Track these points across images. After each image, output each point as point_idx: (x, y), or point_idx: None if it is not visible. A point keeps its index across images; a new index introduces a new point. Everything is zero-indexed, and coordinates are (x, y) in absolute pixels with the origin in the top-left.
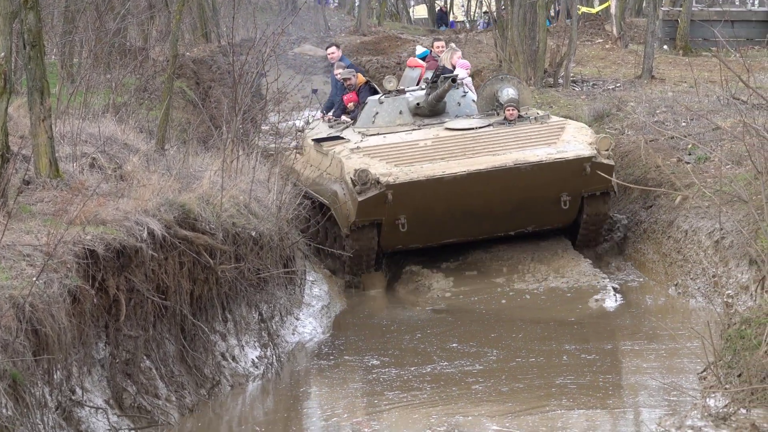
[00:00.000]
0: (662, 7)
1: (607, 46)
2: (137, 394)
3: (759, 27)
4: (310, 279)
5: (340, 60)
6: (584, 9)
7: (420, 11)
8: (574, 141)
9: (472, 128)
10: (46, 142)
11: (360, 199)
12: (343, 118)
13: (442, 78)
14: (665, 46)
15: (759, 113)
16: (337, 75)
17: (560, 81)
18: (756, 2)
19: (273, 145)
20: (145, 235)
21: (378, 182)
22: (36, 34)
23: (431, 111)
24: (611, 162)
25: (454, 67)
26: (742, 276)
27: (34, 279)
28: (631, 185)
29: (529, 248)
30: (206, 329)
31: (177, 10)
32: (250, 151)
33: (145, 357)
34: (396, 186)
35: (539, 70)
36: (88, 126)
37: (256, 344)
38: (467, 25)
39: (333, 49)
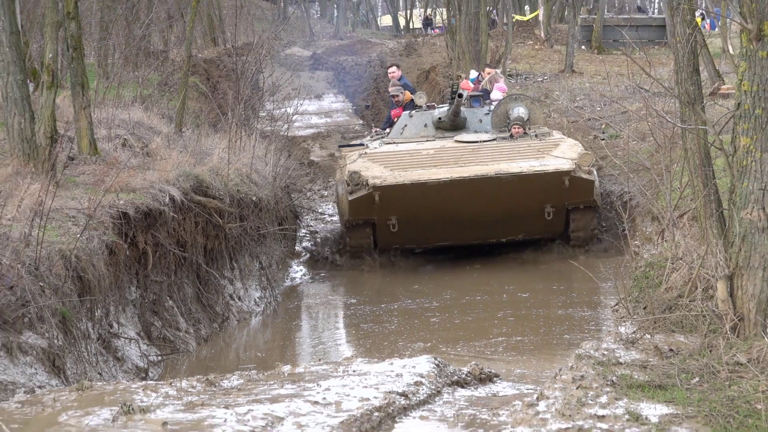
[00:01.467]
0: (580, 14)
1: (536, 47)
2: (162, 328)
3: (658, 31)
4: (300, 234)
5: (399, 79)
6: (518, 17)
7: (386, 20)
8: (562, 157)
9: (478, 141)
10: (87, 126)
11: (350, 198)
12: (387, 130)
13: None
14: (583, 47)
15: (659, 99)
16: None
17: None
18: (656, 11)
19: (269, 128)
20: (167, 200)
21: (367, 184)
22: (77, 40)
23: (452, 125)
24: (591, 177)
25: (491, 89)
26: (646, 229)
27: (78, 236)
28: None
29: None
30: (217, 275)
31: (190, 20)
32: (251, 133)
33: (168, 298)
34: (382, 188)
35: (482, 66)
36: (120, 113)
37: (257, 287)
38: (423, 30)
39: (393, 69)
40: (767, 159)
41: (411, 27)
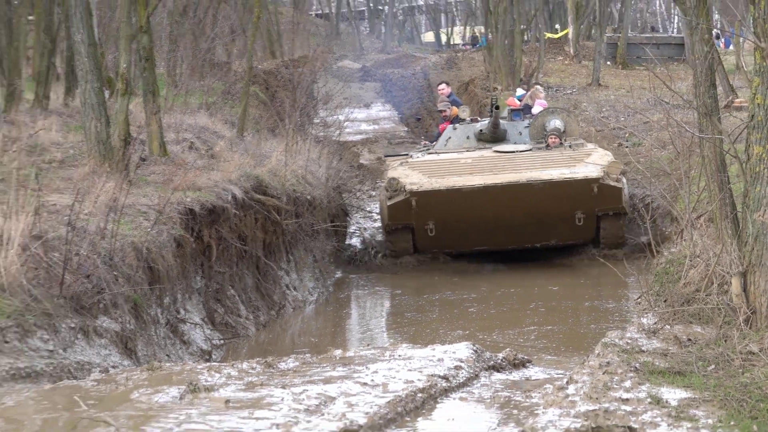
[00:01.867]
0: (606, 33)
1: (566, 62)
2: (225, 314)
3: (677, 48)
4: (350, 230)
5: (448, 96)
6: (549, 35)
7: (429, 37)
8: (592, 165)
9: (515, 151)
10: (157, 130)
11: (389, 203)
12: (435, 143)
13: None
14: (609, 62)
15: (678, 111)
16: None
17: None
18: (675, 30)
19: (322, 134)
20: (229, 198)
21: (404, 189)
22: (149, 51)
23: (492, 137)
24: (619, 185)
25: (532, 105)
26: (666, 229)
27: (149, 230)
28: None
29: None
30: (275, 267)
31: (251, 34)
32: (306, 138)
33: (230, 287)
34: (419, 193)
35: (516, 79)
36: (187, 118)
37: (311, 278)
38: (463, 46)
39: (443, 86)
40: None
41: (452, 43)
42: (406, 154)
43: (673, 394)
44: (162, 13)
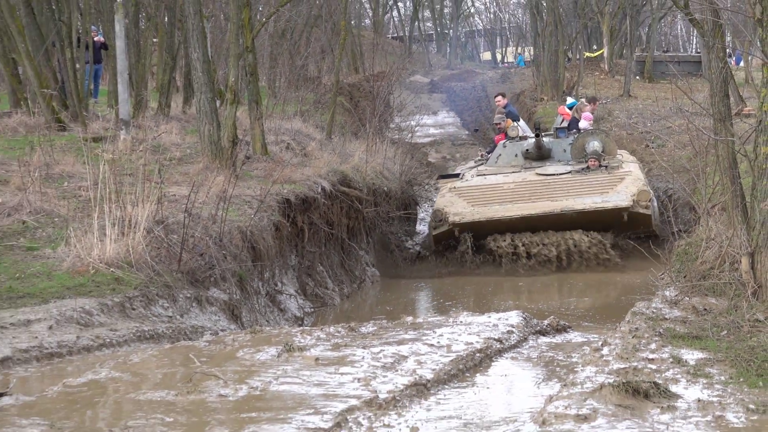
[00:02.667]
0: (636, 52)
1: (601, 77)
2: (315, 287)
3: (695, 65)
4: (420, 217)
5: (504, 107)
6: (587, 54)
7: (486, 55)
8: (624, 192)
9: (556, 174)
10: (259, 133)
11: (434, 232)
12: (490, 155)
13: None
14: (638, 77)
15: (696, 117)
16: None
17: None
18: (694, 49)
19: (397, 136)
20: (319, 189)
21: (447, 220)
22: (253, 67)
23: (538, 156)
24: (648, 212)
25: (579, 118)
26: (685, 216)
27: (252, 216)
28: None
29: None
30: (356, 248)
31: (339, 53)
32: (383, 140)
33: (319, 264)
34: (461, 224)
35: (560, 91)
36: (285, 123)
37: (387, 257)
38: (514, 63)
39: (499, 98)
40: None
41: (505, 60)
42: (458, 175)
43: (691, 355)
44: (264, 36)
